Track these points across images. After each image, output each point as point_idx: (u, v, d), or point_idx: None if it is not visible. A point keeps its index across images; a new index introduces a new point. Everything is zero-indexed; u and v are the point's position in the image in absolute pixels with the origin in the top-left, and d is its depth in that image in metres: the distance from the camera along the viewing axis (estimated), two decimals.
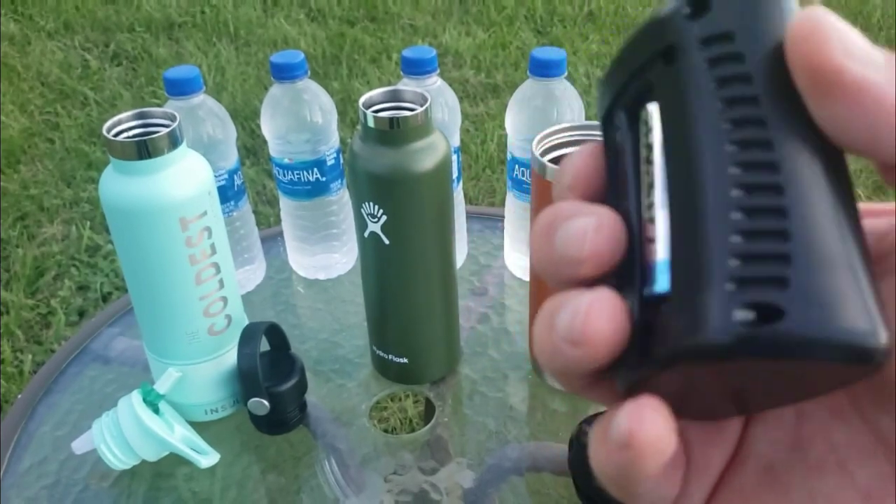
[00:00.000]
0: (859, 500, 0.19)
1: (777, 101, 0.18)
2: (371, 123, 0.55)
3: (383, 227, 0.57)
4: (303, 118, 0.70)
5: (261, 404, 0.59)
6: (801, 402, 0.21)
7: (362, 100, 0.56)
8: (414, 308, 0.61)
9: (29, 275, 1.68)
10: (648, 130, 0.20)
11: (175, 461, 0.58)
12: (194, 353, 0.59)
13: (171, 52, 2.69)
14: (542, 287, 0.60)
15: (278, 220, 0.80)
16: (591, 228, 0.19)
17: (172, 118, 0.53)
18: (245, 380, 0.58)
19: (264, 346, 0.62)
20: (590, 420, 0.56)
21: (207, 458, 0.57)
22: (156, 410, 0.58)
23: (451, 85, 0.71)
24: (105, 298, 1.62)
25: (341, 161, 0.75)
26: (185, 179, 0.53)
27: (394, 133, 0.54)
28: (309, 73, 0.71)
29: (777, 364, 0.17)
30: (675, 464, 0.21)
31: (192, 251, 0.54)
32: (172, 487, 0.58)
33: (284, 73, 0.69)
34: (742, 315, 0.17)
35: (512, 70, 2.56)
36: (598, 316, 0.18)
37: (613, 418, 0.18)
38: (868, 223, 0.19)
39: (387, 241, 0.57)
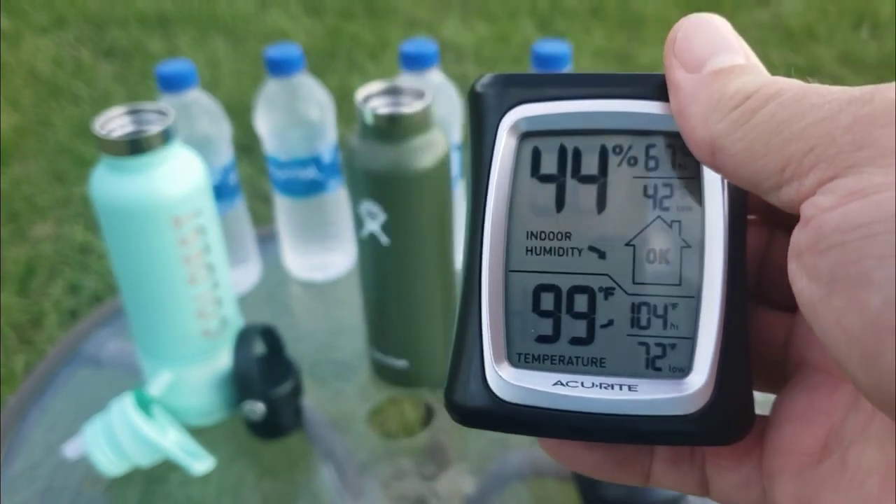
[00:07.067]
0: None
1: None
2: (369, 120, 0.53)
3: (382, 226, 0.55)
4: (299, 114, 0.69)
5: (256, 408, 0.57)
6: None
7: (360, 95, 0.55)
8: (414, 309, 0.60)
9: (21, 275, 1.66)
10: None
11: (170, 465, 0.57)
12: (188, 355, 0.57)
13: (165, 47, 2.67)
14: None
15: (274, 219, 0.78)
16: None
17: (166, 114, 0.52)
18: (240, 383, 0.57)
19: (259, 348, 0.61)
20: None
21: (202, 463, 0.56)
22: (149, 414, 0.57)
23: (451, 80, 0.69)
24: (98, 298, 1.60)
25: (339, 158, 0.73)
26: (178, 177, 0.52)
27: (393, 129, 0.53)
28: (305, 67, 0.69)
29: None
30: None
31: (186, 251, 0.53)
32: (167, 493, 0.57)
33: (280, 68, 0.67)
34: None
35: (514, 64, 2.54)
36: None
37: None
38: None
39: (385, 241, 0.56)
